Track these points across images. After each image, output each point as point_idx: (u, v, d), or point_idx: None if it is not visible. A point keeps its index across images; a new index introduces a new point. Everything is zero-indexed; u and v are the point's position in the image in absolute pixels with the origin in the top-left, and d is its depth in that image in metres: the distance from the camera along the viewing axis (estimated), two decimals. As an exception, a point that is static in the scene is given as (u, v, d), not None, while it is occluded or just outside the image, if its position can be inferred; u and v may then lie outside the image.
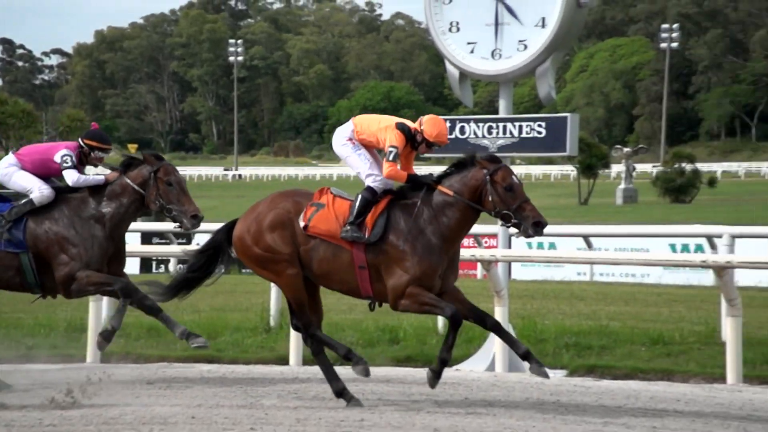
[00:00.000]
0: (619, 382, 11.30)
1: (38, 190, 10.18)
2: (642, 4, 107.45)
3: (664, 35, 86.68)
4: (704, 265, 12.24)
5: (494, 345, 11.68)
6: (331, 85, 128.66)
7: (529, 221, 9.19)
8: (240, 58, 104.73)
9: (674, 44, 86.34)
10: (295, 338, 11.94)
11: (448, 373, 9.81)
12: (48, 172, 10.33)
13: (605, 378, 11.59)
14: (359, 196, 9.40)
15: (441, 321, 12.80)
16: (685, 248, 20.37)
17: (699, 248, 17.85)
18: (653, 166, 67.11)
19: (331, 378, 9.58)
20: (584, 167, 55.49)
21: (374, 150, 9.71)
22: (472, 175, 9.35)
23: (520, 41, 12.38)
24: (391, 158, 9.41)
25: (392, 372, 11.77)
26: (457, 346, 10.03)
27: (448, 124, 10.63)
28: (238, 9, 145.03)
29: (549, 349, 12.44)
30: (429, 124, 9.54)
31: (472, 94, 13.84)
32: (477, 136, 12.56)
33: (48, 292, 10.36)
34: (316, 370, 10.20)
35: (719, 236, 14.51)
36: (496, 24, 12.46)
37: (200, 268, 10.06)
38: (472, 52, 12.59)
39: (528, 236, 9.28)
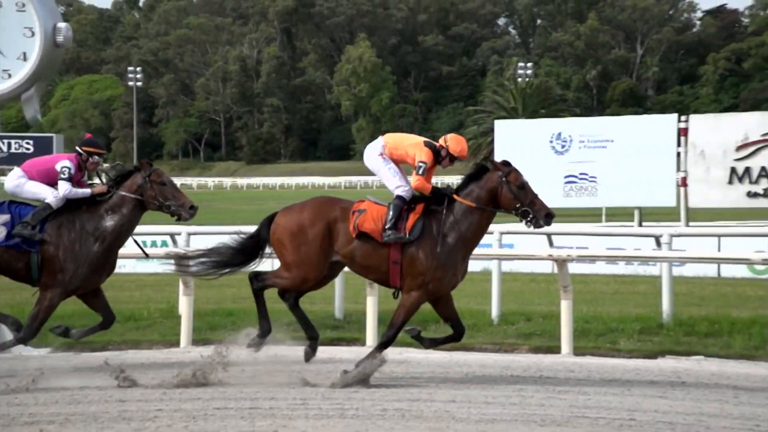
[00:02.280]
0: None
1: (52, 195, 9.24)
2: (110, 50, 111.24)
3: (130, 75, 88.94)
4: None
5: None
6: None
7: (541, 214, 8.75)
8: None
9: (139, 83, 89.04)
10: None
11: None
12: (52, 181, 9.36)
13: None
14: (392, 205, 8.86)
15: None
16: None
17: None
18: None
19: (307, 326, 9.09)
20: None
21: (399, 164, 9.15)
22: (488, 179, 8.87)
23: (5, 71, 11.86)
24: (420, 172, 8.85)
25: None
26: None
27: None
28: None
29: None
30: (453, 142, 9.03)
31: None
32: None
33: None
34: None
35: (179, 234, 14.24)
36: (-15, 55, 11.90)
37: (235, 256, 9.25)
38: (-34, 78, 11.93)
39: (539, 227, 8.86)
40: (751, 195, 12.93)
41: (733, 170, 12.86)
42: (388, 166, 9.04)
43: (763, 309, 10.60)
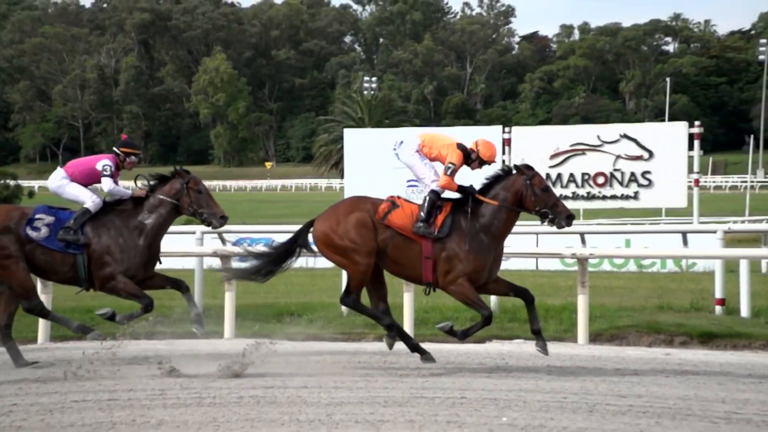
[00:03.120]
0: None
1: (90, 200, 9.11)
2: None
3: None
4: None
5: None
6: None
7: (562, 216, 8.59)
8: None
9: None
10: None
11: None
12: (93, 180, 9.29)
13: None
14: (426, 198, 8.58)
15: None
16: None
17: None
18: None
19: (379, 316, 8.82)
20: None
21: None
22: (513, 181, 8.64)
23: None
24: (449, 173, 8.62)
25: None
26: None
27: None
28: None
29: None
30: (484, 147, 8.81)
31: None
32: None
33: (91, 285, 9.10)
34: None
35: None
36: None
37: (279, 258, 8.98)
38: None
39: (561, 227, 8.67)
40: (562, 197, 13.41)
41: (548, 176, 13.25)
42: (423, 161, 8.87)
43: (572, 297, 10.99)
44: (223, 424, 6.72)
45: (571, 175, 13.48)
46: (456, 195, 8.77)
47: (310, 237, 8.97)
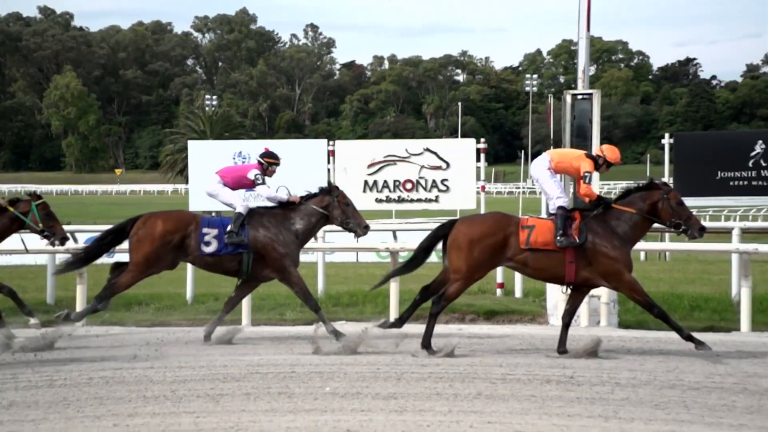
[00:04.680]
0: None
1: (240, 204, 9.08)
2: None
3: None
4: None
5: None
6: None
7: (696, 227, 8.36)
8: None
9: None
10: None
11: None
12: (241, 186, 9.33)
13: None
14: (558, 216, 8.26)
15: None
16: None
17: None
18: None
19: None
20: None
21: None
22: (651, 195, 8.39)
23: None
24: (587, 181, 8.39)
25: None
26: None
27: None
28: None
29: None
30: (609, 151, 8.61)
31: None
32: None
33: (252, 278, 9.09)
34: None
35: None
36: None
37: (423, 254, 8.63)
38: None
39: (694, 238, 8.45)
40: (378, 201, 13.60)
41: (366, 182, 13.42)
42: (553, 179, 8.57)
43: (386, 286, 11.18)
44: (73, 403, 6.42)
45: (385, 181, 13.70)
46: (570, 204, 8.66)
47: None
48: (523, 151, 57.50)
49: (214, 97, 78.05)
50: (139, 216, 8.99)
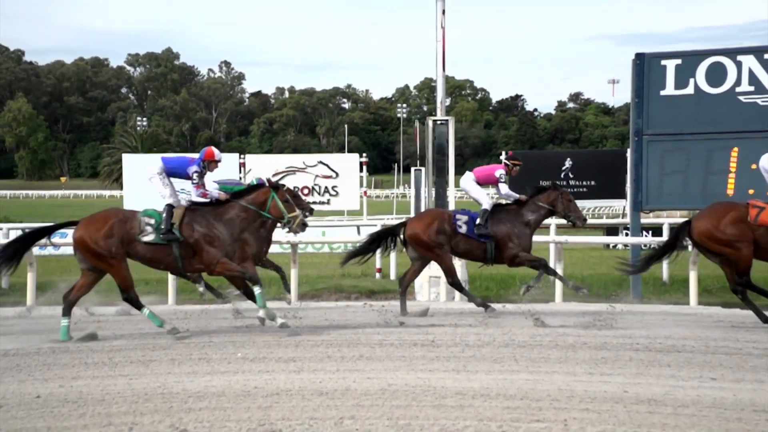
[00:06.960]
0: None
1: (486, 201, 8.70)
2: None
3: None
4: None
5: None
6: None
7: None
8: None
9: None
10: None
11: None
12: (494, 182, 8.84)
13: None
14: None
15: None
16: None
17: None
18: None
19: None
20: None
21: None
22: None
23: None
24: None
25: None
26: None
27: None
28: None
29: None
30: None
31: None
32: None
33: (494, 262, 8.74)
34: None
35: None
36: None
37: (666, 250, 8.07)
38: None
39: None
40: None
41: (271, 189, 13.23)
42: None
43: (287, 271, 11.03)
44: (24, 368, 6.08)
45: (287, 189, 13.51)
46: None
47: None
48: (396, 164, 58.31)
49: (145, 119, 75.25)
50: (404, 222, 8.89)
